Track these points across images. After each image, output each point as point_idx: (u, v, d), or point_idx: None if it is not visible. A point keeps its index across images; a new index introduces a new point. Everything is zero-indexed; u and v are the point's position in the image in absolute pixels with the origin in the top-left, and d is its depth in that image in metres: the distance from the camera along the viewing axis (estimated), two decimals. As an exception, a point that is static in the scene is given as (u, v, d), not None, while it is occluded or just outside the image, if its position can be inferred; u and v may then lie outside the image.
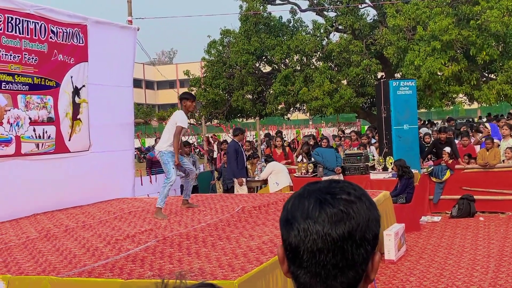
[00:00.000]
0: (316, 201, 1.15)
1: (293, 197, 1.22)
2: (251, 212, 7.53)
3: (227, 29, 23.52)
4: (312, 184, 1.22)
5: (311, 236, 1.13)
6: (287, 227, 1.18)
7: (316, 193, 1.17)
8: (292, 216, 1.17)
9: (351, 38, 20.88)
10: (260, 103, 23.08)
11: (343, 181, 1.23)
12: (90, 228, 7.04)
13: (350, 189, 1.18)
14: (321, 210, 1.14)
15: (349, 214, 1.14)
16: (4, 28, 7.88)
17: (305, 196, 1.18)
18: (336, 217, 1.13)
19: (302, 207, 1.16)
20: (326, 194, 1.16)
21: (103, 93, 9.71)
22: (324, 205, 1.14)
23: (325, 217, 1.13)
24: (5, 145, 7.95)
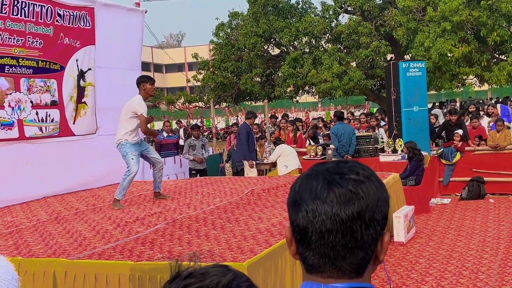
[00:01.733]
0: (324, 182, 1.14)
1: (300, 178, 1.20)
2: (260, 195, 7.53)
3: (235, 12, 23.40)
4: (320, 164, 1.21)
5: (320, 217, 1.11)
6: (294, 208, 1.16)
7: (324, 173, 1.16)
8: (300, 197, 1.15)
9: (360, 20, 20.71)
10: (268, 86, 23.02)
11: (351, 161, 1.21)
12: (100, 211, 7.08)
13: (359, 169, 1.16)
14: (330, 190, 1.12)
15: (358, 194, 1.12)
16: (9, 12, 7.86)
17: (313, 176, 1.16)
18: (345, 197, 1.11)
19: (310, 187, 1.15)
20: (334, 174, 1.15)
21: (111, 76, 9.70)
22: (333, 185, 1.13)
23: (334, 198, 1.11)
24: (8, 128, 7.99)
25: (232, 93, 23.39)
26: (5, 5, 7.79)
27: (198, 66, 24.59)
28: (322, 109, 38.20)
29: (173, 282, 1.07)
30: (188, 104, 26.64)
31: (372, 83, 21.64)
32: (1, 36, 7.82)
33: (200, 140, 12.74)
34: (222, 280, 1.05)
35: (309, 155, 12.39)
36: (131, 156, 7.32)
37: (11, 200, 7.98)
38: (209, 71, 23.61)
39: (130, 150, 7.31)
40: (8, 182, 7.90)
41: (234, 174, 12.46)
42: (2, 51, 7.88)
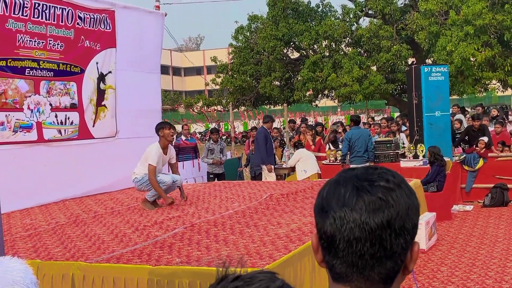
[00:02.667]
0: (353, 188, 1.11)
1: (328, 184, 1.18)
2: (279, 200, 7.50)
3: (254, 15, 23.43)
4: (348, 170, 1.18)
5: (348, 225, 1.09)
6: (322, 215, 1.14)
7: (352, 179, 1.13)
8: (328, 203, 1.13)
9: (381, 23, 20.62)
10: (287, 89, 23.00)
11: (380, 167, 1.18)
12: (118, 214, 7.11)
13: (389, 176, 1.13)
14: (358, 197, 1.10)
15: (388, 202, 1.09)
16: (30, 14, 7.94)
17: (341, 183, 1.14)
18: (374, 205, 1.09)
19: (338, 194, 1.12)
20: (363, 181, 1.12)
21: (131, 79, 9.76)
22: (362, 192, 1.10)
23: (363, 205, 1.09)
24: (26, 131, 8.05)
25: (251, 97, 23.41)
26: (26, 8, 7.87)
27: (217, 70, 24.67)
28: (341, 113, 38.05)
29: (220, 284, 1.05)
30: (206, 108, 26.71)
31: (393, 88, 21.52)
32: (22, 38, 7.89)
33: (218, 144, 12.75)
34: (270, 285, 1.03)
35: (328, 160, 12.33)
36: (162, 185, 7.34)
37: (30, 202, 8.04)
38: (228, 74, 23.66)
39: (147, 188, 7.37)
40: (27, 185, 7.96)
41: (252, 178, 12.43)
42: (23, 54, 7.95)
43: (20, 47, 7.89)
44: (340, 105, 32.45)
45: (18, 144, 7.93)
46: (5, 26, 7.65)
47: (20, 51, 7.90)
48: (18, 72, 7.91)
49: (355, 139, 11.37)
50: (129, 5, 9.87)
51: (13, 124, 7.84)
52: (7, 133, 7.77)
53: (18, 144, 7.93)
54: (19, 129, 7.92)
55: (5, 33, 7.67)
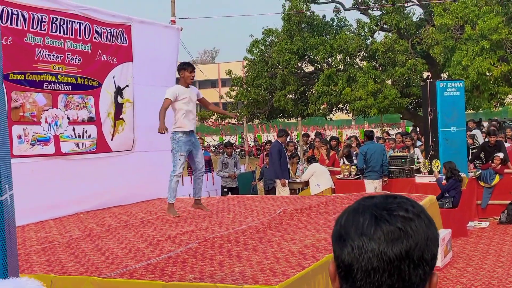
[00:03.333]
0: (372, 217, 1.10)
1: (346, 211, 1.17)
2: (292, 215, 7.47)
3: (269, 29, 23.52)
4: (367, 198, 1.17)
5: (366, 254, 1.08)
6: (340, 243, 1.13)
7: (371, 208, 1.12)
8: (346, 232, 1.12)
9: (396, 37, 20.59)
10: (302, 103, 23.00)
11: (400, 196, 1.17)
12: (132, 228, 7.11)
13: (408, 205, 1.12)
14: (377, 227, 1.09)
15: (407, 232, 1.08)
16: (48, 29, 8.02)
17: (359, 211, 1.13)
18: (393, 235, 1.08)
19: (357, 223, 1.11)
20: (382, 210, 1.11)
21: (146, 93, 9.81)
22: (380, 221, 1.09)
23: (381, 235, 1.08)
24: (44, 144, 8.10)
25: (265, 110, 23.43)
26: (44, 22, 7.95)
27: (232, 83, 24.75)
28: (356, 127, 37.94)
29: None
30: (220, 121, 26.76)
31: (408, 102, 21.44)
32: (40, 53, 7.97)
33: (232, 158, 12.76)
34: None
35: (342, 175, 12.28)
36: (179, 156, 7.36)
37: (45, 215, 8.07)
38: (243, 87, 23.73)
39: (179, 148, 7.36)
40: (42, 198, 8.00)
41: (266, 192, 12.42)
42: (42, 68, 8.02)
43: (38, 61, 7.96)
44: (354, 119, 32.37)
45: (35, 157, 7.97)
46: (24, 41, 7.74)
47: (38, 65, 7.97)
48: (36, 86, 7.97)
49: (370, 153, 11.33)
50: (145, 19, 9.95)
51: (30, 137, 7.90)
52: (25, 146, 7.82)
53: (36, 157, 7.98)
54: (36, 142, 7.98)
55: (24, 48, 7.75)
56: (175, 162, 7.40)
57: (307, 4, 22.64)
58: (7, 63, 7.42)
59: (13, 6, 7.50)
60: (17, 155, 7.65)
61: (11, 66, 7.59)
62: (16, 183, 7.05)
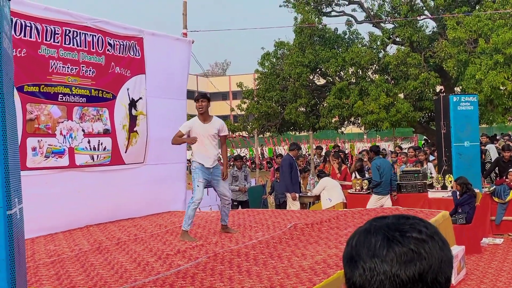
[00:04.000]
0: (384, 238, 1.09)
1: (357, 232, 1.15)
2: (303, 230, 7.43)
3: (281, 41, 23.56)
4: (379, 219, 1.16)
5: (378, 277, 1.06)
6: (351, 265, 1.11)
7: (383, 229, 1.11)
8: (357, 253, 1.11)
9: (409, 51, 20.55)
10: (313, 116, 22.97)
11: (413, 217, 1.15)
12: (141, 242, 7.11)
13: (422, 226, 1.11)
14: (389, 248, 1.07)
15: (420, 254, 1.06)
16: (62, 41, 8.09)
17: (371, 232, 1.12)
18: (406, 256, 1.06)
19: (368, 244, 1.10)
20: (394, 231, 1.10)
21: (158, 106, 9.85)
22: (393, 243, 1.08)
23: (394, 257, 1.06)
24: (58, 156, 8.12)
25: (276, 123, 23.41)
26: (57, 35, 8.02)
27: (243, 95, 24.77)
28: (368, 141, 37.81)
29: None
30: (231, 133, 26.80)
31: (421, 116, 21.33)
32: (55, 65, 8.02)
33: (242, 171, 12.74)
34: None
35: (354, 189, 12.22)
36: (197, 182, 7.27)
37: (55, 227, 8.09)
38: (254, 100, 23.73)
39: (197, 175, 7.28)
40: (53, 210, 8.01)
41: (277, 206, 12.38)
42: (56, 80, 8.07)
43: (53, 73, 8.01)
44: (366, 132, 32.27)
45: (49, 169, 8.00)
46: (38, 53, 7.80)
47: (53, 77, 8.02)
48: (51, 98, 8.02)
49: (383, 168, 11.30)
50: (157, 32, 10.02)
51: (45, 149, 7.93)
52: (39, 159, 7.85)
53: (49, 170, 8.00)
54: (51, 154, 8.01)
55: (38, 60, 7.81)
56: (194, 189, 7.35)
57: (319, 17, 22.67)
58: (21, 75, 7.48)
59: (26, 18, 7.58)
60: (30, 167, 7.68)
61: (26, 78, 7.64)
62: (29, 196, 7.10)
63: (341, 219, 8.32)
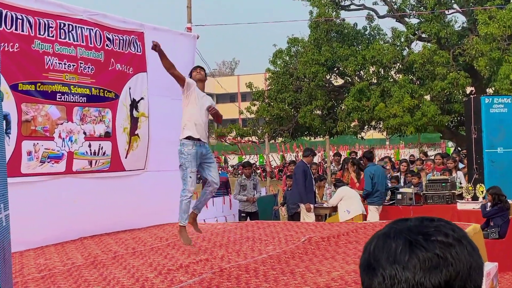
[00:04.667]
0: (406, 243, 1.08)
1: (376, 236, 1.15)
2: (318, 244, 7.41)
3: (295, 38, 23.61)
4: (400, 221, 1.15)
5: (399, 285, 1.06)
6: (369, 272, 1.10)
7: (405, 232, 1.10)
8: (376, 259, 1.10)
9: (436, 48, 20.50)
10: (330, 120, 22.96)
11: (438, 219, 1.14)
12: (140, 256, 7.11)
13: (448, 229, 1.10)
14: (412, 253, 1.06)
15: (446, 260, 1.06)
16: (57, 35, 8.10)
17: (391, 236, 1.11)
18: (431, 262, 1.05)
19: (388, 249, 1.09)
20: (417, 234, 1.09)
21: (161, 107, 9.86)
22: (416, 248, 1.07)
23: (417, 263, 1.06)
24: (55, 161, 8.12)
25: (289, 127, 23.43)
26: (52, 28, 8.03)
27: (252, 97, 24.82)
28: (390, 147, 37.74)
29: None
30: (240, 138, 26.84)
31: (449, 120, 21.28)
32: (50, 61, 8.03)
33: (251, 180, 12.75)
34: None
35: (375, 200, 12.18)
36: (189, 173, 7.09)
37: (46, 240, 8.11)
38: (264, 102, 23.77)
39: (190, 164, 7.08)
40: (45, 220, 8.03)
41: (289, 218, 12.37)
42: (53, 77, 8.06)
43: (49, 70, 8.01)
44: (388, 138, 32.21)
45: (43, 175, 8.01)
46: (32, 47, 7.81)
47: (49, 74, 8.02)
48: (49, 97, 8.02)
49: (377, 176, 11.33)
50: (158, 26, 10.05)
51: (40, 153, 7.92)
52: (34, 164, 7.84)
53: (44, 176, 8.02)
54: (47, 159, 8.00)
55: (32, 55, 7.82)
56: (186, 179, 7.12)
57: (337, 11, 22.70)
58: (15, 71, 7.53)
59: (17, 11, 7.62)
60: (25, 173, 7.70)
61: (20, 76, 7.65)
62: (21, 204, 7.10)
63: (361, 233, 8.29)
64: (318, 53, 22.12)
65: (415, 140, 32.00)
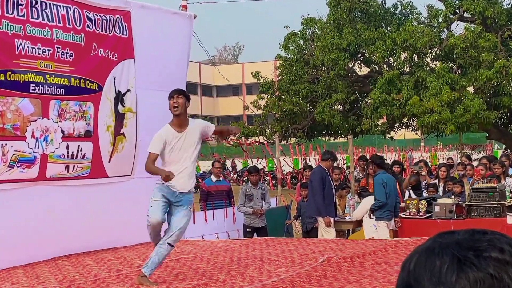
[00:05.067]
0: (453, 260, 1.09)
1: (417, 252, 1.15)
2: (340, 265, 7.43)
3: (311, 18, 23.62)
4: (446, 234, 1.15)
5: (445, 311, 1.06)
6: (408, 296, 1.11)
7: (452, 247, 1.11)
8: (416, 280, 1.11)
9: (481, 30, 20.48)
10: (353, 116, 22.96)
11: (491, 231, 1.14)
12: (125, 279, 7.14)
13: (504, 243, 1.10)
14: (461, 273, 1.07)
15: (502, 281, 1.06)
16: (28, 14, 8.08)
17: (436, 251, 1.11)
18: (483, 284, 1.06)
19: (432, 267, 1.10)
20: (467, 250, 1.09)
21: (150, 101, 9.86)
22: (465, 266, 1.08)
23: (466, 284, 1.06)
24: (26, 166, 8.12)
25: (304, 126, 23.44)
26: (21, 6, 8.00)
27: (260, 89, 24.84)
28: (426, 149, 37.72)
29: None
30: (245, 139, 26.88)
31: (496, 116, 21.23)
32: (21, 45, 8.01)
33: (259, 188, 12.75)
34: None
35: (408, 212, 12.16)
36: (151, 202, 7.20)
37: (14, 261, 8.12)
38: (274, 95, 23.79)
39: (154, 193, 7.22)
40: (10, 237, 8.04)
41: (305, 234, 12.37)
42: (24, 65, 8.05)
43: (20, 56, 8.01)
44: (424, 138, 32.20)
45: (11, 183, 8.02)
46: None
47: (20, 61, 8.02)
48: (20, 88, 8.01)
49: (389, 186, 11.29)
50: (147, 4, 10.07)
51: (9, 157, 7.92)
52: (1, 169, 7.85)
53: (12, 183, 8.02)
54: (16, 163, 8.00)
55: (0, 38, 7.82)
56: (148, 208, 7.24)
57: (362, -15, 22.72)
58: None
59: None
60: None
61: None
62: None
63: (390, 252, 8.30)
64: (338, 36, 22.12)
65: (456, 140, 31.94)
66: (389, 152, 35.53)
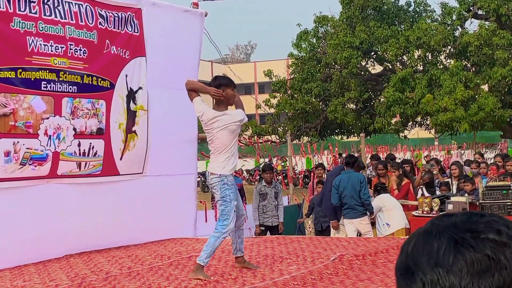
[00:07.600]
0: (450, 242, 1.10)
1: (415, 235, 1.17)
2: (352, 263, 7.42)
3: (323, 16, 23.63)
4: (444, 217, 1.17)
5: (443, 292, 1.07)
6: (406, 277, 1.13)
7: (449, 230, 1.12)
8: (415, 262, 1.12)
9: (495, 27, 20.41)
10: (366, 115, 22.95)
11: (489, 214, 1.16)
12: (137, 277, 7.16)
13: (501, 225, 1.12)
14: (458, 254, 1.09)
15: (499, 262, 1.08)
16: (40, 11, 8.09)
17: (433, 234, 1.13)
18: (480, 265, 1.07)
19: (429, 249, 1.11)
20: (465, 232, 1.11)
21: (162, 98, 9.88)
22: (462, 247, 1.09)
23: (464, 265, 1.08)
24: (38, 163, 8.12)
25: (316, 124, 23.44)
26: (34, 3, 8.00)
27: (272, 88, 24.87)
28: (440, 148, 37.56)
29: None
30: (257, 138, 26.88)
31: (511, 114, 21.16)
32: (34, 42, 8.02)
33: (273, 187, 12.74)
34: None
35: (421, 211, 12.12)
36: (233, 206, 7.05)
37: (25, 258, 8.15)
38: (287, 94, 23.80)
39: (233, 195, 7.07)
40: (24, 234, 8.07)
41: (318, 233, 12.35)
42: (37, 62, 8.04)
43: (33, 54, 8.00)
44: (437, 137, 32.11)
45: (23, 180, 8.03)
46: (11, 27, 7.79)
47: (33, 58, 8.00)
48: (32, 86, 8.00)
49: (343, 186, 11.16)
50: (158, 1, 10.09)
51: (21, 154, 7.93)
52: (12, 166, 7.85)
53: (24, 181, 8.04)
54: (28, 161, 8.00)
55: (12, 36, 7.82)
56: (228, 214, 7.02)
57: (375, -17, 22.69)
58: None
59: (-11, -17, 7.66)
60: (1, 178, 7.72)
61: None
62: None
63: (403, 250, 8.26)
64: (351, 34, 22.11)
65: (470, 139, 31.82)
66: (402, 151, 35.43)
